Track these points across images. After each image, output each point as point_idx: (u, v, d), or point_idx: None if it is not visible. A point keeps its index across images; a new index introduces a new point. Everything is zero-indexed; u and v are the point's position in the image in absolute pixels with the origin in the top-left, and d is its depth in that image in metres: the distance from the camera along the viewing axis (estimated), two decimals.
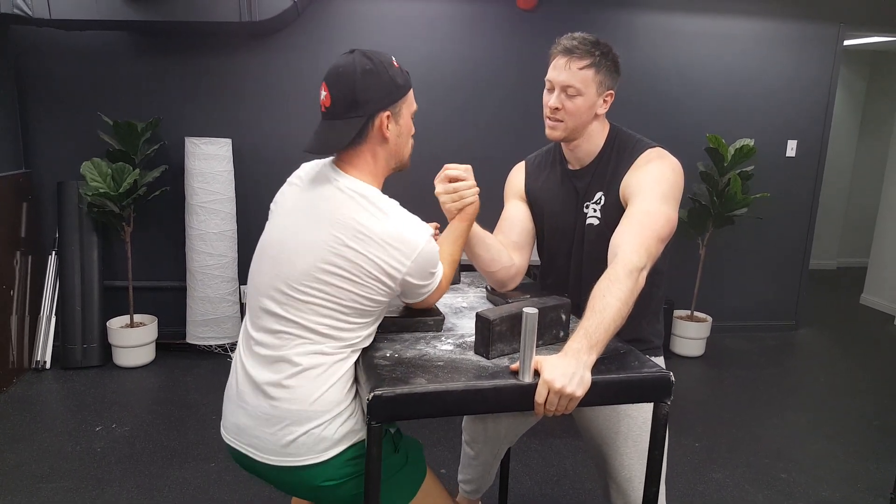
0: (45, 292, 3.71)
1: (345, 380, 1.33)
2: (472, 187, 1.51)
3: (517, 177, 1.84)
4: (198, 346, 3.86)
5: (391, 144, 1.37)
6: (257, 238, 1.45)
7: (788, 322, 4.75)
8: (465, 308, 1.70)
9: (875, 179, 6.46)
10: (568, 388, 1.17)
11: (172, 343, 3.91)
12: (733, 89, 4.31)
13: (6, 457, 2.71)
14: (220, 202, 3.67)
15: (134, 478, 2.59)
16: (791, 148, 4.45)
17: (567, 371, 1.18)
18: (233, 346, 3.83)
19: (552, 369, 1.18)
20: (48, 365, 3.65)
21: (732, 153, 3.94)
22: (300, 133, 3.77)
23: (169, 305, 3.95)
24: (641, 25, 4.13)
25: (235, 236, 3.78)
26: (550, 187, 1.75)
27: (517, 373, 1.24)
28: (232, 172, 3.74)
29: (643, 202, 1.50)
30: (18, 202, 3.59)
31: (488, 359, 1.33)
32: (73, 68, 3.69)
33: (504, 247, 1.72)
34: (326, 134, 1.33)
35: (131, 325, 3.73)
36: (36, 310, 3.70)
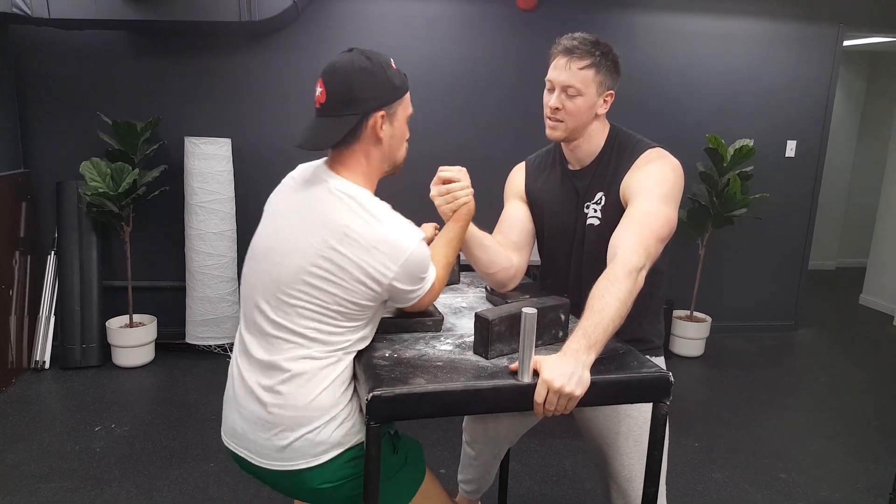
0: (45, 292, 3.71)
1: (338, 384, 1.31)
2: (466, 188, 1.49)
3: (517, 177, 1.84)
4: (197, 346, 3.86)
5: (385, 146, 1.35)
6: None
7: (788, 322, 4.75)
8: (465, 308, 1.70)
9: (874, 180, 6.46)
10: (567, 388, 1.17)
11: (172, 343, 3.91)
12: (733, 89, 4.31)
13: (5, 457, 2.71)
14: (220, 202, 3.67)
15: (133, 478, 2.59)
16: (790, 148, 4.45)
17: (566, 371, 1.18)
18: (232, 346, 3.83)
19: (551, 369, 1.18)
20: (47, 365, 3.65)
21: (732, 153, 3.94)
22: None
23: (168, 305, 3.95)
24: (641, 25, 4.13)
25: (235, 236, 3.78)
26: (551, 188, 1.75)
27: (516, 373, 1.24)
28: (231, 172, 3.74)
29: (643, 202, 1.50)
30: (18, 202, 3.59)
31: (487, 359, 1.33)
32: (73, 68, 3.68)
33: (503, 247, 1.71)
34: (319, 130, 1.32)
35: (130, 325, 3.73)
36: (35, 310, 3.70)
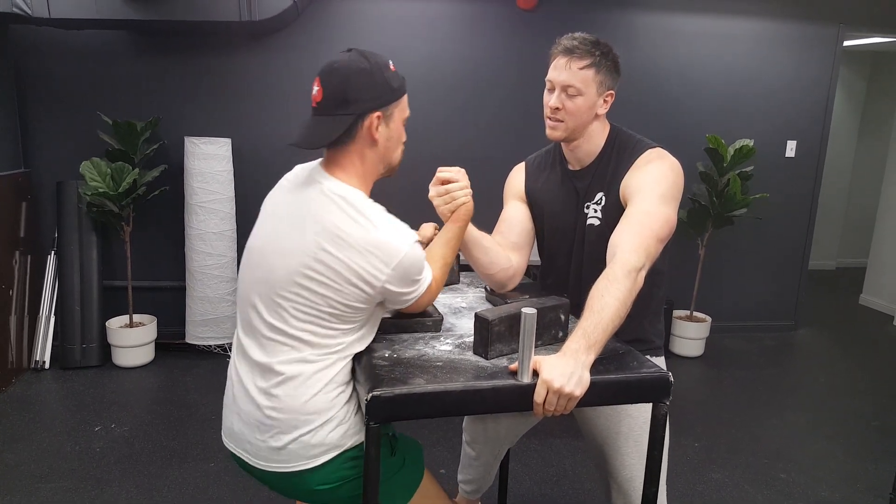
0: (45, 292, 3.71)
1: (332, 387, 1.31)
2: (465, 189, 1.48)
3: (517, 177, 1.83)
4: (197, 346, 3.85)
5: (380, 147, 1.34)
6: None
7: (788, 322, 4.75)
8: (464, 308, 1.70)
9: (874, 180, 6.46)
10: (567, 388, 1.17)
11: (172, 343, 3.91)
12: (733, 89, 4.31)
13: (5, 457, 2.71)
14: (220, 202, 3.67)
15: (133, 478, 2.58)
16: (790, 148, 4.45)
17: (566, 371, 1.18)
18: (231, 346, 3.83)
19: (551, 369, 1.18)
20: (47, 365, 3.65)
21: (732, 153, 3.94)
22: None
23: (168, 305, 3.95)
24: (641, 25, 4.13)
25: (235, 236, 3.78)
26: (551, 188, 1.75)
27: (516, 373, 1.24)
28: (231, 172, 3.74)
29: (642, 202, 1.50)
30: (18, 202, 3.59)
31: (487, 359, 1.33)
32: (73, 68, 3.68)
33: (502, 248, 1.71)
34: (314, 129, 1.31)
35: (130, 325, 3.73)
36: (35, 309, 3.70)
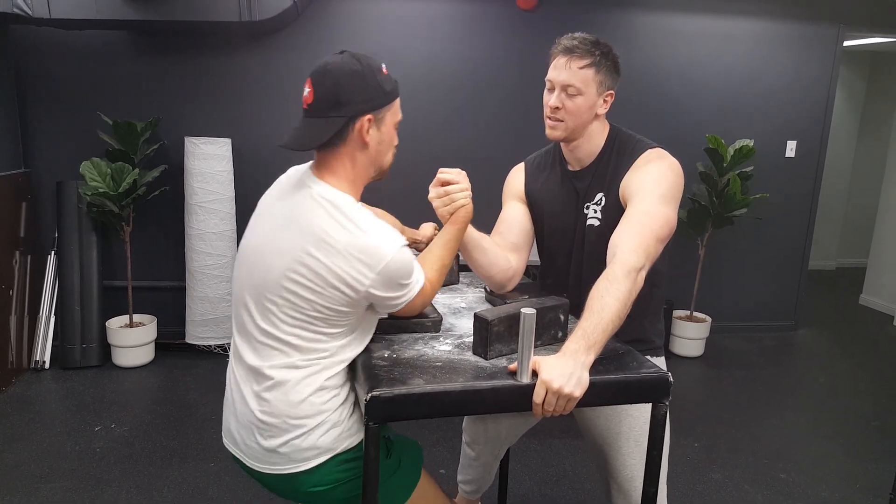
0: (45, 292, 3.71)
1: (323, 391, 1.31)
2: (464, 191, 1.47)
3: (516, 178, 1.83)
4: (197, 346, 3.85)
5: (371, 150, 1.33)
6: None
7: (788, 322, 4.75)
8: (464, 308, 1.70)
9: (874, 180, 6.46)
10: (566, 389, 1.17)
11: (172, 343, 3.91)
12: (733, 89, 4.31)
13: (5, 457, 2.71)
14: (220, 202, 3.67)
15: (133, 478, 2.59)
16: (790, 148, 4.45)
17: (565, 371, 1.18)
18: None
19: (550, 370, 1.18)
20: (47, 365, 3.65)
21: (732, 153, 3.94)
22: None
23: (168, 305, 3.95)
24: (641, 25, 4.13)
25: (235, 236, 3.78)
26: (550, 188, 1.74)
27: (515, 373, 1.24)
28: (231, 172, 3.74)
29: (642, 202, 1.49)
30: (18, 202, 3.59)
31: (486, 359, 1.33)
32: (73, 68, 3.68)
33: (501, 248, 1.71)
34: (304, 130, 1.30)
35: (130, 325, 3.73)
36: (35, 309, 3.70)
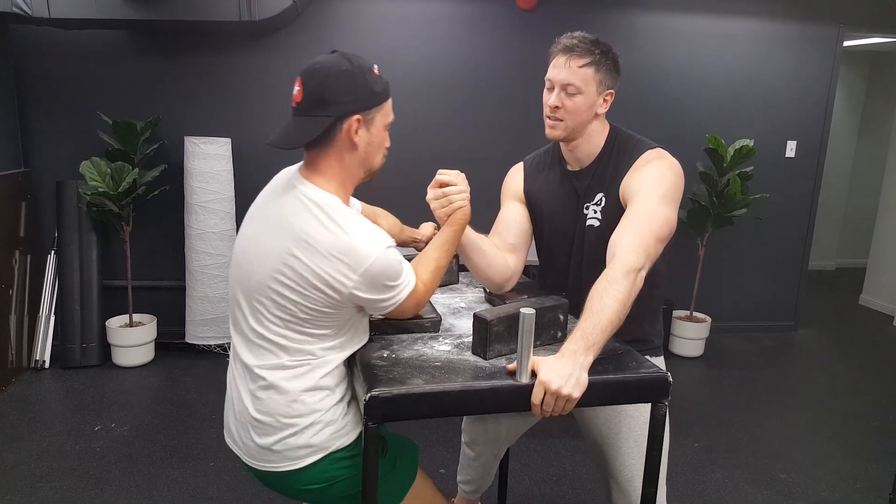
0: (45, 292, 3.71)
1: (315, 391, 1.32)
2: (462, 193, 1.46)
3: (515, 177, 1.82)
4: (197, 346, 3.86)
5: (360, 151, 1.32)
6: None
7: (787, 322, 4.75)
8: (464, 308, 1.70)
9: (874, 180, 6.46)
10: (564, 390, 1.17)
11: (171, 343, 3.91)
12: (733, 89, 4.30)
13: (5, 456, 2.71)
14: (220, 202, 3.67)
15: (133, 477, 2.59)
16: (790, 148, 4.45)
17: (563, 372, 1.18)
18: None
19: (548, 370, 1.18)
20: (47, 364, 3.65)
21: (732, 153, 3.94)
22: None
23: (168, 305, 3.95)
24: (641, 25, 4.13)
25: (235, 236, 3.77)
26: (550, 188, 1.74)
27: (514, 373, 1.24)
28: (231, 172, 3.74)
29: (642, 203, 1.49)
30: (18, 201, 3.59)
31: (486, 359, 1.33)
32: (73, 68, 3.68)
33: (500, 249, 1.70)
34: (292, 129, 1.29)
35: (130, 325, 3.73)
36: (35, 309, 3.70)
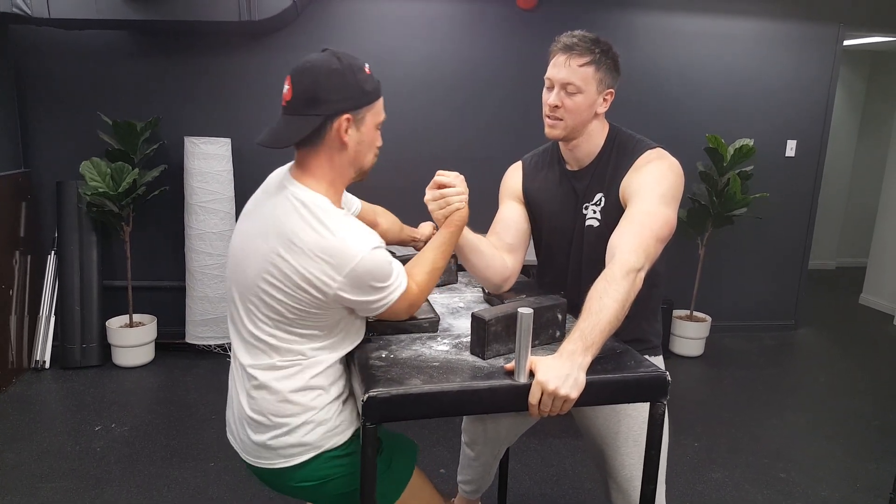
0: (45, 292, 3.71)
1: (308, 390, 1.32)
2: (461, 194, 1.46)
3: (514, 177, 1.82)
4: (197, 346, 3.86)
5: (350, 151, 1.31)
6: None
7: (788, 322, 4.74)
8: (462, 308, 1.70)
9: (874, 179, 6.45)
10: (562, 390, 1.17)
11: (172, 343, 3.91)
12: (733, 89, 4.30)
13: (5, 456, 2.71)
14: (220, 202, 3.68)
15: (133, 477, 2.59)
16: (791, 148, 4.45)
17: (561, 373, 1.18)
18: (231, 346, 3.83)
19: (546, 371, 1.18)
20: (47, 364, 3.65)
21: (732, 153, 3.93)
22: None
23: (168, 305, 3.95)
24: (641, 25, 4.13)
25: None
26: (549, 188, 1.73)
27: (512, 372, 1.24)
28: (231, 172, 3.74)
29: (642, 203, 1.49)
30: (18, 202, 3.59)
31: (484, 359, 1.33)
32: (73, 68, 3.69)
33: (498, 249, 1.70)
34: (281, 128, 1.29)
35: (130, 325, 3.73)
36: (35, 309, 3.70)
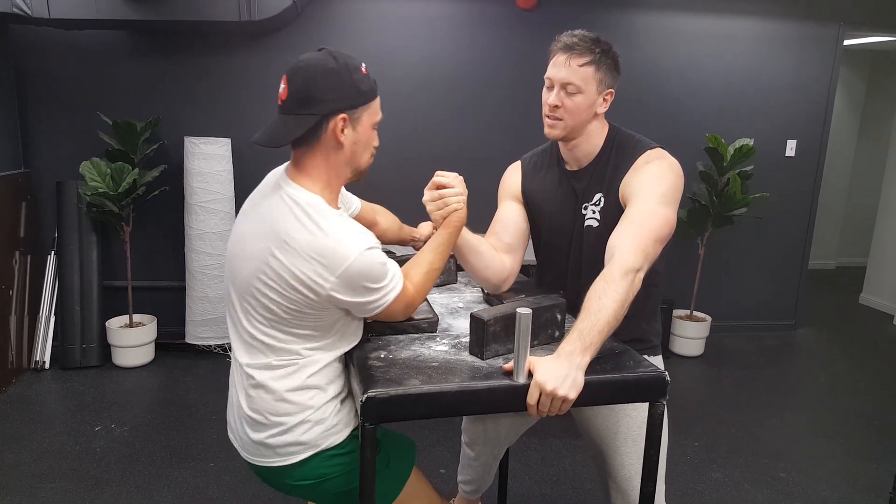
0: (45, 292, 3.71)
1: (305, 390, 1.32)
2: (459, 195, 1.45)
3: (513, 177, 1.81)
4: (197, 346, 3.86)
5: (346, 151, 1.31)
6: None
7: (788, 322, 4.74)
8: (461, 308, 1.70)
9: (874, 179, 6.46)
10: (560, 391, 1.17)
11: (172, 343, 3.91)
12: (733, 89, 4.30)
13: (5, 456, 2.71)
14: (220, 202, 3.68)
15: (133, 478, 2.59)
16: (791, 148, 4.45)
17: (559, 373, 1.18)
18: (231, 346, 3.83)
19: (544, 371, 1.18)
20: (47, 365, 3.65)
21: (732, 153, 3.93)
22: None
23: (168, 305, 3.95)
24: (641, 25, 4.13)
25: None
26: (548, 188, 1.73)
27: (511, 373, 1.24)
28: (231, 172, 3.75)
29: (642, 203, 1.48)
30: (18, 202, 3.60)
31: (483, 359, 1.33)
32: (73, 68, 3.69)
33: (496, 249, 1.70)
34: (276, 127, 1.28)
35: (130, 325, 3.73)
36: (35, 310, 3.70)
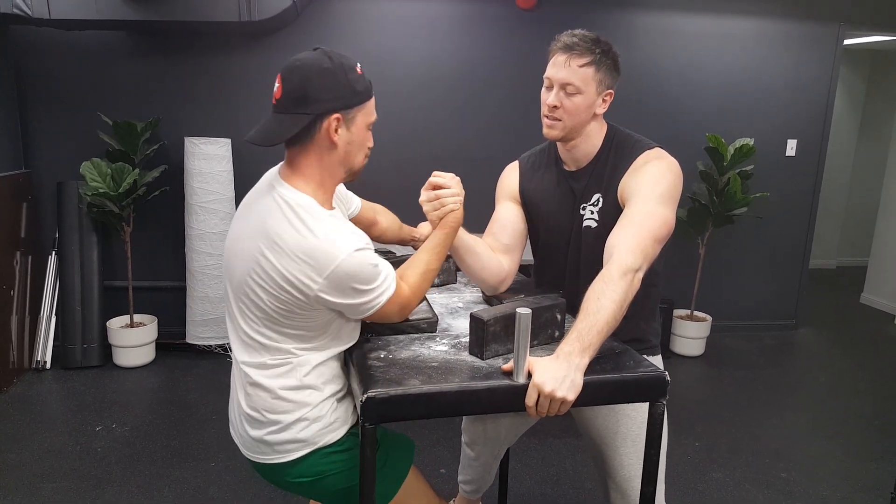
0: (45, 292, 3.72)
1: (301, 388, 1.33)
2: (455, 196, 1.44)
3: (511, 177, 1.81)
4: (197, 346, 3.86)
5: (340, 151, 1.30)
6: None
7: (788, 321, 4.74)
8: (461, 308, 1.70)
9: (875, 178, 6.45)
10: (559, 392, 1.17)
11: (172, 343, 3.91)
12: (733, 89, 4.30)
13: (6, 456, 2.71)
14: (220, 202, 3.68)
15: (134, 478, 2.59)
16: (791, 147, 4.45)
17: (558, 374, 1.18)
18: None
19: (543, 372, 1.18)
20: (48, 365, 3.66)
21: (732, 152, 3.93)
22: None
23: (168, 305, 3.96)
24: (641, 25, 4.13)
25: None
26: (546, 188, 1.73)
27: (510, 373, 1.24)
28: (231, 172, 3.75)
29: (641, 203, 1.48)
30: (18, 202, 3.60)
31: (483, 359, 1.33)
32: (73, 68, 3.69)
33: (494, 250, 1.69)
34: (270, 126, 1.28)
35: (131, 325, 3.74)
36: (36, 310, 3.70)
